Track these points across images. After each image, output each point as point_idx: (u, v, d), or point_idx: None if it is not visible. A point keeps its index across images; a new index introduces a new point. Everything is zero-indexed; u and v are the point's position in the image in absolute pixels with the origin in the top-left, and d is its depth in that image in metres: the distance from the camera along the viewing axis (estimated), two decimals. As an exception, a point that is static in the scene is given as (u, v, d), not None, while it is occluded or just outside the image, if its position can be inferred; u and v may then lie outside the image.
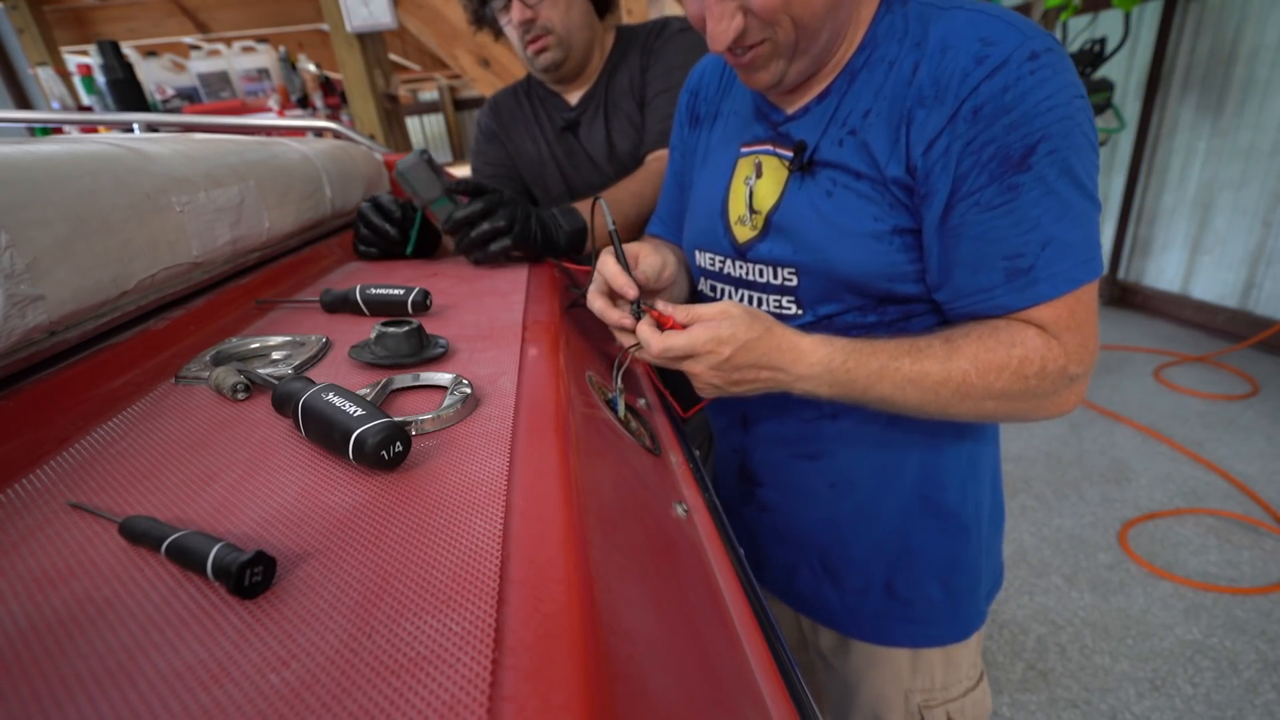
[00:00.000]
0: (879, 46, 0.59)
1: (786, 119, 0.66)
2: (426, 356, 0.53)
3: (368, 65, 2.56)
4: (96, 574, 0.30)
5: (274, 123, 2.15)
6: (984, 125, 0.51)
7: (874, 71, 0.58)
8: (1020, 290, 0.54)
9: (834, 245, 0.61)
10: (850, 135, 0.59)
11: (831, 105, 0.61)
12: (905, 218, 0.58)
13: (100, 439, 0.42)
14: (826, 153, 0.61)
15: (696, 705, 0.30)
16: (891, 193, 0.57)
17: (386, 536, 0.32)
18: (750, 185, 0.68)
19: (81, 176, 0.51)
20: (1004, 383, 0.55)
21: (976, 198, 0.53)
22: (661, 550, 0.42)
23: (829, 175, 0.61)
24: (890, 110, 0.57)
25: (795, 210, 0.63)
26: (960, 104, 0.52)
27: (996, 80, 0.50)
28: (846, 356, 0.58)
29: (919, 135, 0.54)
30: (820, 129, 0.62)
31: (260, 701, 0.23)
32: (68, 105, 2.88)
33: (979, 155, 0.52)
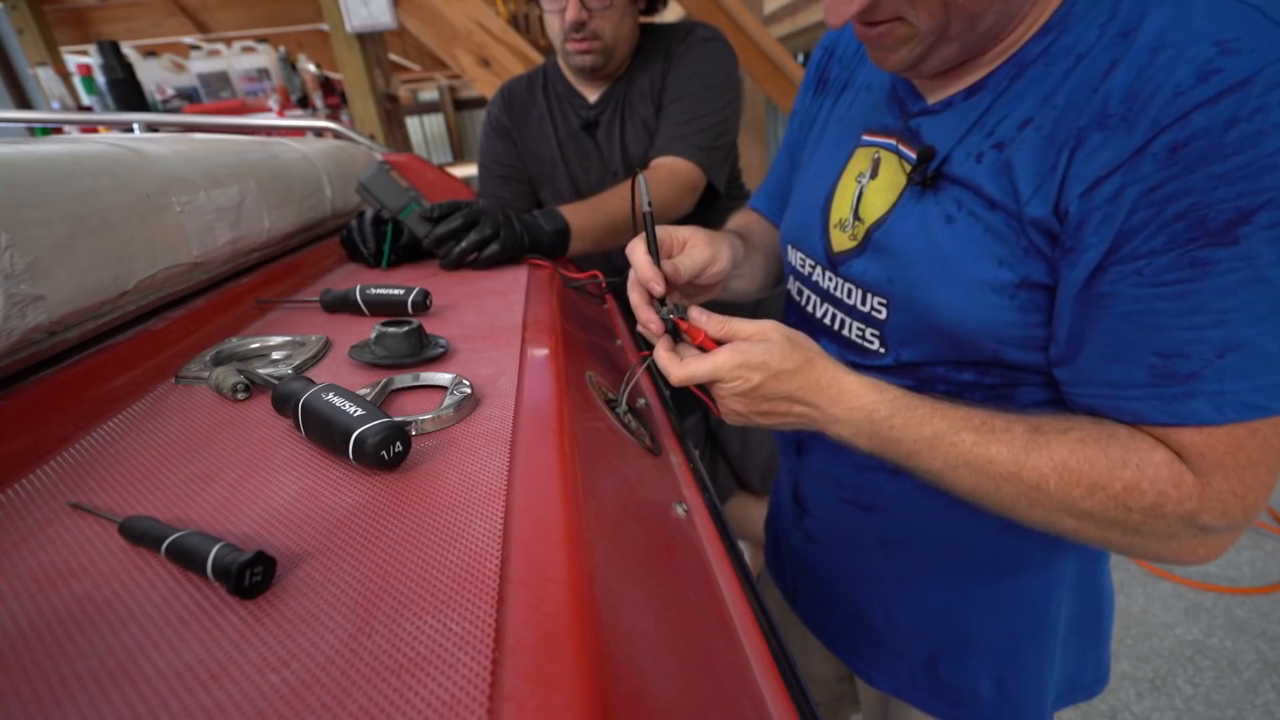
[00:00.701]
0: (1069, 31, 0.44)
1: (923, 110, 0.53)
2: (426, 356, 0.53)
3: (368, 65, 2.56)
4: (96, 574, 0.30)
5: (274, 123, 2.15)
6: (1182, 170, 0.36)
7: (1053, 66, 0.44)
8: (1166, 401, 0.40)
9: (939, 285, 0.49)
10: (995, 150, 0.46)
11: (982, 104, 0.48)
12: (1041, 270, 0.44)
13: (100, 439, 0.42)
14: (959, 166, 0.48)
15: (696, 705, 0.30)
16: (1029, 236, 0.44)
17: (386, 536, 0.32)
18: (862, 185, 0.57)
19: (81, 176, 0.51)
20: (1092, 504, 0.43)
21: (1140, 266, 0.39)
22: (661, 550, 0.42)
23: (955, 196, 0.48)
24: (1058, 126, 0.42)
25: (903, 230, 0.52)
26: (1156, 134, 0.37)
27: (1222, 108, 0.35)
28: (895, 411, 0.48)
29: (1084, 167, 0.40)
30: (960, 133, 0.49)
31: (260, 701, 0.23)
32: (68, 105, 2.88)
33: (1161, 210, 0.37)
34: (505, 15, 3.62)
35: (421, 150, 9.60)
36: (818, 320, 0.62)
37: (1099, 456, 0.42)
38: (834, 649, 0.72)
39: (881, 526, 0.62)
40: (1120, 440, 0.43)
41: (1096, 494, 0.42)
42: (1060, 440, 0.44)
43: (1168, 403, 0.40)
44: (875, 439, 0.49)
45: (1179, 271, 0.38)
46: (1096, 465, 0.42)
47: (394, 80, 2.87)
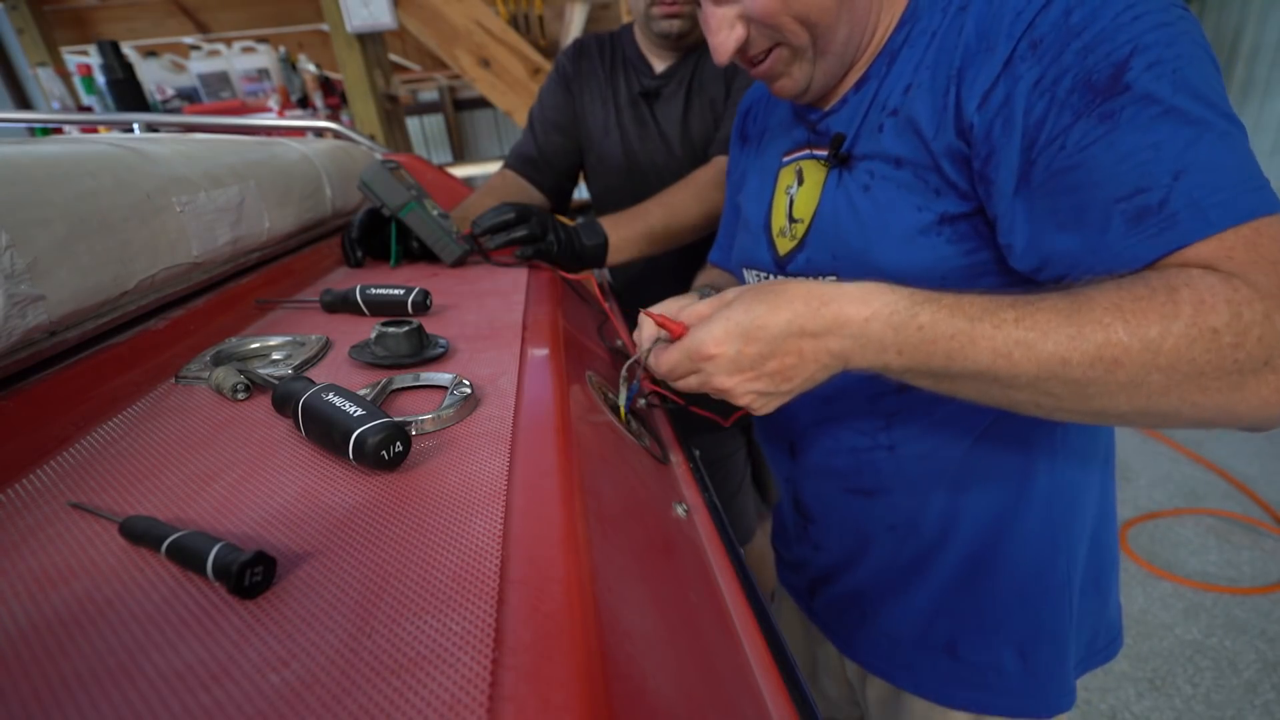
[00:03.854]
0: (920, 20, 0.52)
1: (824, 115, 0.60)
2: (426, 356, 0.53)
3: (368, 65, 2.56)
4: (96, 574, 0.30)
5: (274, 123, 2.15)
6: (1050, 58, 0.42)
7: (915, 46, 0.52)
8: (1157, 233, 0.39)
9: (873, 246, 0.53)
10: (891, 116, 0.52)
11: (870, 91, 0.55)
12: (954, 201, 0.49)
13: (100, 439, 0.42)
14: (865, 143, 0.55)
15: (696, 705, 0.30)
16: (938, 175, 0.49)
17: (386, 536, 0.32)
18: (791, 194, 0.63)
19: (81, 176, 0.51)
20: (1176, 342, 0.37)
21: (1061, 141, 0.42)
22: (661, 550, 0.42)
23: (866, 168, 0.54)
24: (934, 77, 0.49)
25: (831, 212, 0.57)
26: (1015, 44, 0.43)
27: (1055, 7, 0.42)
28: (915, 304, 0.42)
29: (969, 91, 0.46)
30: (859, 117, 0.56)
31: (260, 701, 0.23)
32: (68, 105, 2.88)
33: (1053, 93, 0.42)
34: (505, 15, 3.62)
35: (421, 150, 9.60)
36: None
37: (1147, 291, 0.38)
38: (853, 654, 0.70)
39: (888, 511, 0.62)
40: (1151, 274, 0.39)
41: (1172, 326, 0.37)
42: (1099, 291, 0.40)
43: (1159, 233, 0.39)
44: (905, 348, 0.42)
45: (1095, 129, 0.40)
46: (1150, 299, 0.38)
47: (394, 80, 2.87)
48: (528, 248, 0.84)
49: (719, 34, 0.53)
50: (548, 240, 0.85)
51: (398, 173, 0.87)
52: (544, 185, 1.18)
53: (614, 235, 0.92)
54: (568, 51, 1.17)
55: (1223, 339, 0.36)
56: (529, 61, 2.53)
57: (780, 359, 0.45)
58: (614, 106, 1.13)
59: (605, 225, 0.93)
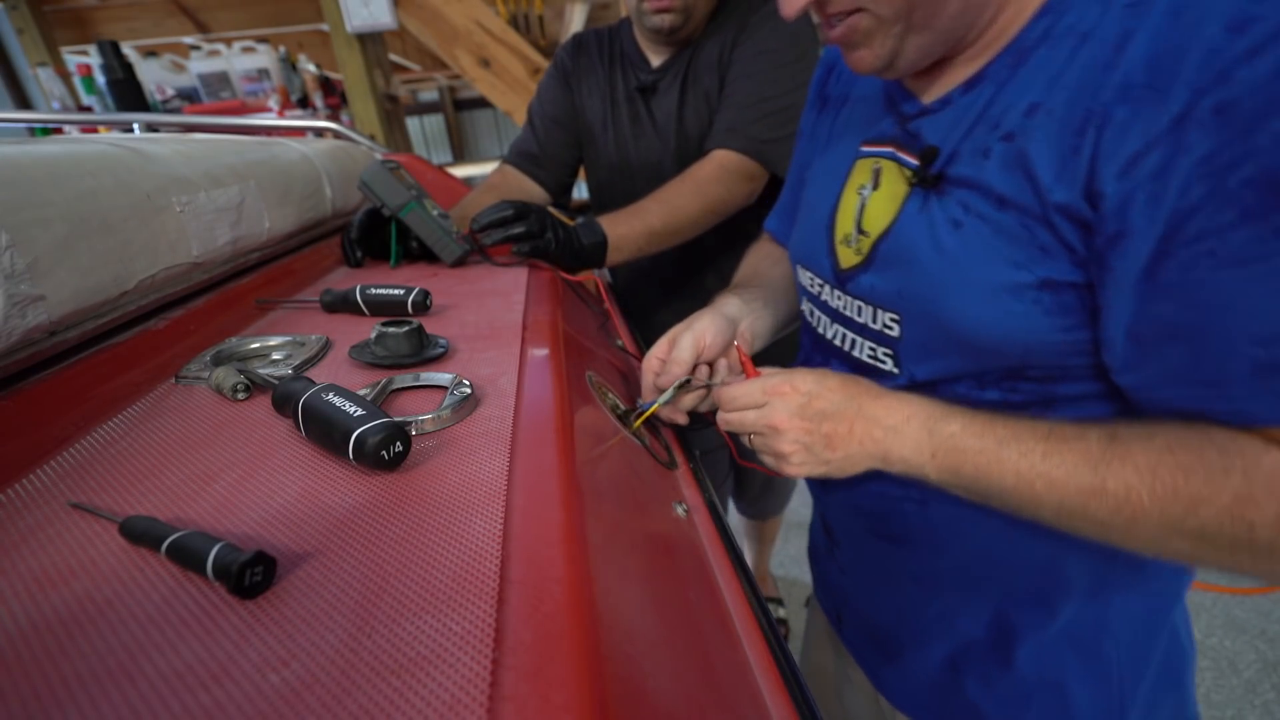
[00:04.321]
0: (1070, 10, 0.41)
1: (920, 112, 0.49)
2: (426, 356, 0.53)
3: (368, 65, 2.56)
4: (96, 574, 0.30)
5: (274, 123, 2.15)
6: (1237, 132, 0.32)
7: (1057, 48, 0.41)
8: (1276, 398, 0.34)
9: (952, 295, 0.45)
10: (1003, 142, 0.42)
11: (983, 97, 0.44)
12: (1062, 267, 0.40)
13: (100, 439, 0.42)
14: (964, 166, 0.44)
15: (696, 705, 0.30)
16: (1049, 230, 0.40)
17: (386, 536, 0.32)
18: (863, 197, 0.54)
19: (81, 176, 0.51)
20: (1202, 521, 0.36)
21: (1212, 245, 0.33)
22: (661, 550, 0.42)
23: (961, 198, 0.45)
24: (1072, 105, 0.38)
25: (908, 239, 0.48)
26: (1196, 98, 0.33)
27: (1269, 58, 0.31)
28: (950, 414, 0.43)
29: (1115, 145, 0.36)
30: (962, 130, 0.45)
31: (260, 701, 0.23)
32: (68, 105, 2.88)
33: (1223, 180, 0.32)
34: (505, 15, 3.62)
35: (421, 150, 9.60)
36: (828, 342, 0.59)
37: (1194, 463, 0.36)
38: (880, 686, 0.67)
39: (914, 561, 0.57)
40: (1217, 444, 0.36)
41: (1203, 508, 0.36)
42: (1144, 447, 0.37)
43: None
44: (938, 454, 0.44)
45: (1262, 245, 0.32)
46: (1193, 474, 0.36)
47: (394, 80, 2.87)
48: (525, 245, 0.84)
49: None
50: (545, 238, 0.85)
51: (398, 173, 0.87)
52: (545, 181, 1.17)
53: (613, 234, 0.92)
54: (566, 46, 1.16)
55: (1261, 535, 0.34)
56: (529, 61, 2.53)
57: (835, 424, 0.47)
58: (610, 102, 1.11)
59: (604, 224, 0.92)
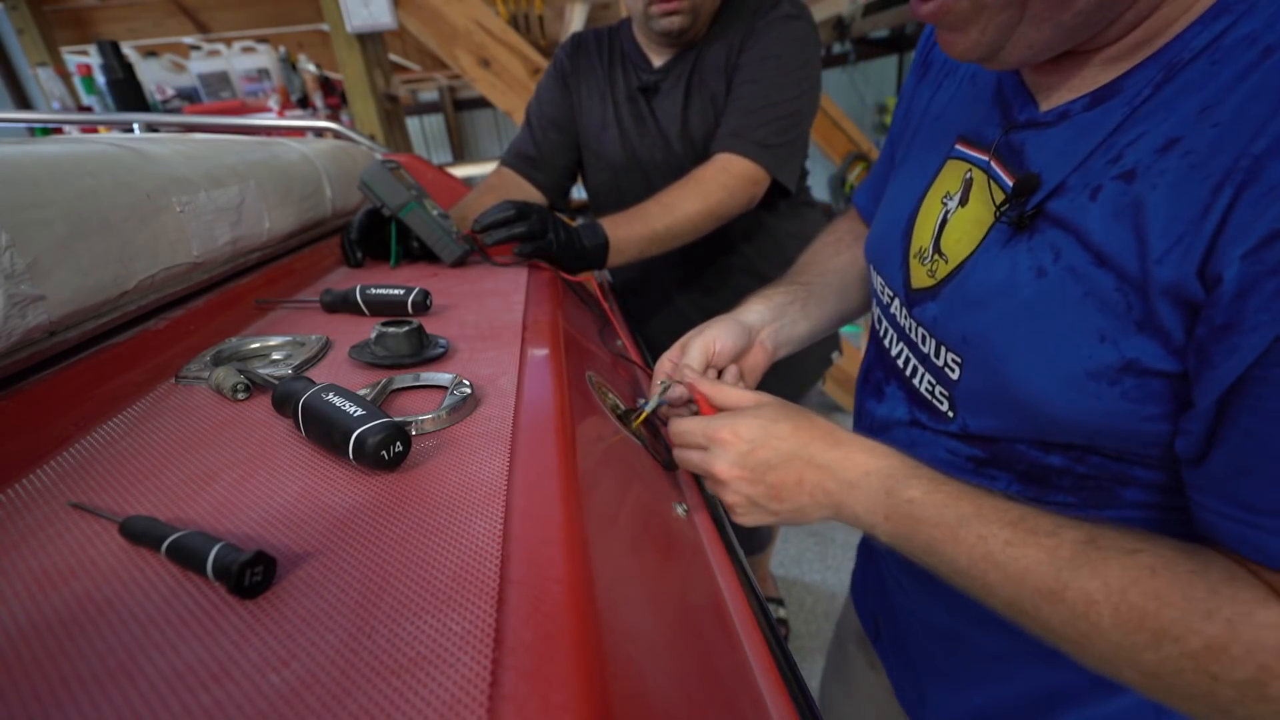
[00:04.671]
0: (1257, 11, 0.30)
1: (1030, 121, 0.40)
2: (426, 356, 0.53)
3: (368, 65, 2.56)
4: (96, 574, 0.30)
5: (274, 123, 2.15)
6: None
7: (1223, 65, 0.31)
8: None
9: (1019, 357, 0.38)
10: (1120, 180, 0.34)
11: (1112, 118, 0.35)
12: (1155, 352, 0.33)
13: (100, 439, 0.42)
14: (1067, 202, 0.36)
15: (696, 705, 0.30)
16: (1146, 307, 0.33)
17: (386, 536, 0.32)
18: (947, 209, 0.46)
19: (81, 176, 0.51)
20: (1159, 659, 0.31)
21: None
22: (661, 550, 0.42)
23: (1053, 241, 0.37)
24: (1218, 148, 0.30)
25: (985, 280, 0.41)
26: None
27: None
28: (914, 479, 0.39)
29: (1253, 213, 0.28)
30: (1077, 157, 0.37)
31: (260, 701, 0.23)
32: (68, 105, 2.88)
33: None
34: (505, 15, 3.62)
35: (421, 150, 9.60)
36: (892, 359, 0.53)
37: (1174, 595, 0.31)
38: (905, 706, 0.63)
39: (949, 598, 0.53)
40: (1210, 581, 0.31)
41: (1164, 646, 0.31)
42: (1122, 562, 0.32)
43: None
44: (891, 516, 0.40)
45: None
46: (1168, 606, 0.31)
47: (394, 80, 2.87)
48: (526, 245, 0.83)
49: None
50: (547, 238, 0.84)
51: (398, 173, 0.87)
52: (542, 184, 1.17)
53: (614, 236, 0.91)
54: (565, 46, 1.14)
55: (1223, 692, 0.30)
56: (529, 61, 2.53)
57: (781, 474, 0.43)
58: (611, 102, 1.11)
59: (605, 225, 0.92)
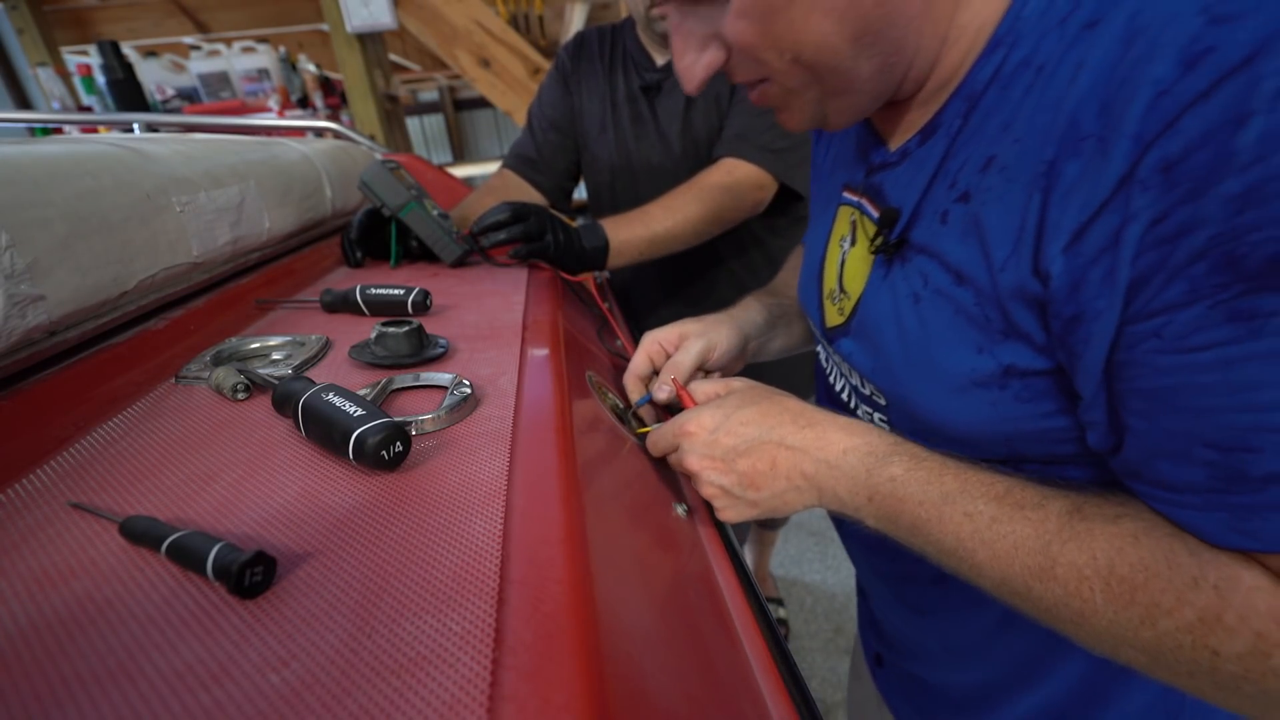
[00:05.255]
0: (1023, 42, 0.33)
1: (882, 164, 0.44)
2: (426, 356, 0.53)
3: (368, 65, 2.56)
4: (96, 574, 0.30)
5: (274, 123, 2.15)
6: (1185, 194, 0.26)
7: (1010, 88, 0.34)
8: (1239, 515, 0.28)
9: (917, 381, 0.40)
10: (960, 204, 0.36)
11: (938, 149, 0.38)
12: (1025, 354, 0.35)
13: (100, 439, 0.42)
14: (925, 230, 0.39)
15: (696, 705, 0.30)
16: (1003, 316, 0.35)
17: (386, 536, 0.32)
18: (844, 250, 0.48)
19: (81, 176, 0.51)
20: (1155, 635, 0.30)
21: (1158, 325, 0.28)
22: (661, 550, 0.42)
23: (921, 268, 0.39)
24: (1024, 160, 0.32)
25: (875, 313, 0.43)
26: (1142, 151, 0.27)
27: (1223, 100, 0.24)
28: (896, 454, 0.38)
29: (1061, 212, 0.30)
30: (921, 187, 0.40)
31: (260, 701, 0.23)
32: (68, 105, 2.88)
33: (1171, 250, 0.26)
34: (505, 15, 3.62)
35: (421, 150, 9.60)
36: (836, 393, 0.54)
37: (1160, 563, 0.30)
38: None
39: (943, 633, 0.52)
40: (1189, 544, 0.30)
41: (1160, 621, 0.29)
42: (1106, 531, 0.32)
43: (1241, 517, 0.28)
44: (875, 496, 0.38)
45: (1214, 330, 0.26)
46: (1156, 575, 0.30)
47: (394, 80, 2.87)
48: (524, 247, 0.83)
49: (685, 56, 0.41)
50: (545, 240, 0.84)
51: (398, 173, 0.87)
52: (543, 185, 1.17)
53: (615, 238, 0.91)
54: (568, 46, 1.13)
55: (1225, 667, 0.28)
56: (529, 61, 2.53)
57: (752, 460, 0.42)
58: (610, 103, 1.10)
59: (606, 227, 0.91)
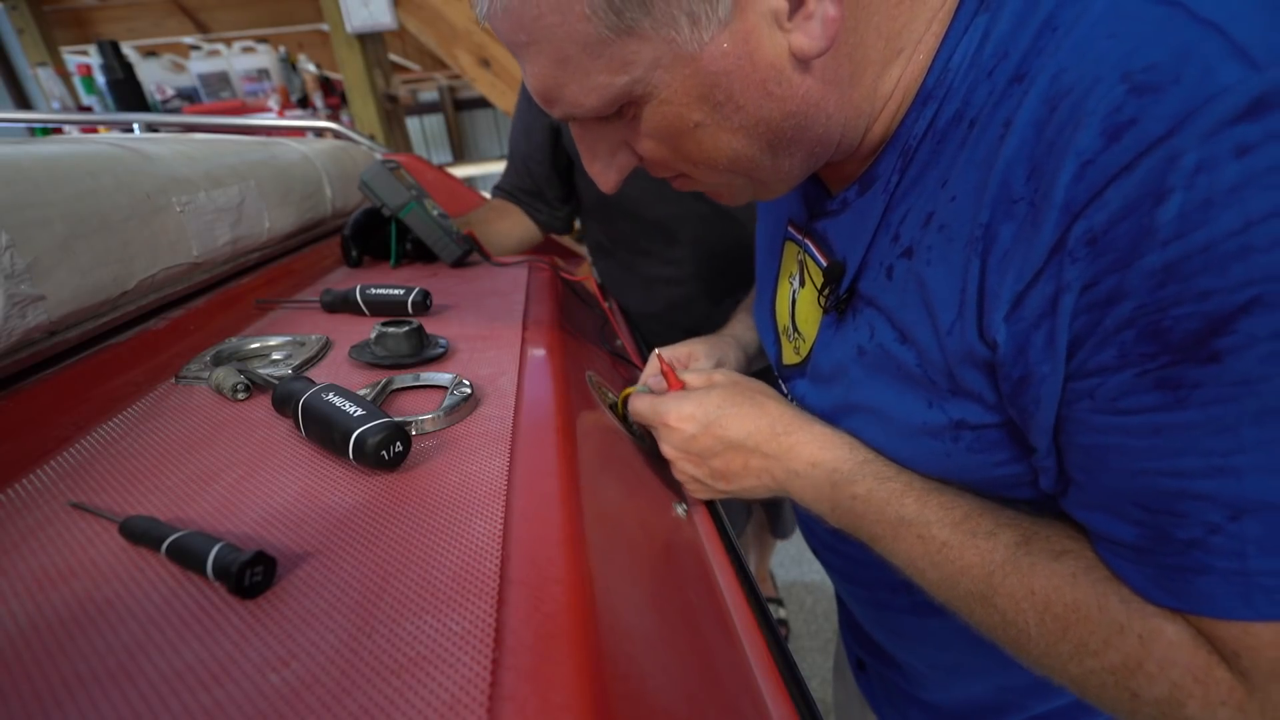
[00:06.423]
0: (953, 96, 0.33)
1: (824, 211, 0.43)
2: (426, 356, 0.53)
3: (368, 65, 2.56)
4: (96, 574, 0.30)
5: (274, 123, 2.15)
6: (1110, 266, 0.26)
7: (946, 142, 0.33)
8: (1165, 575, 0.28)
9: (872, 431, 0.41)
10: (903, 258, 0.36)
11: (878, 203, 0.38)
12: (974, 410, 0.34)
13: (100, 439, 0.42)
14: (870, 282, 0.39)
15: (696, 705, 0.30)
16: (949, 380, 0.34)
17: (386, 536, 0.32)
18: (794, 289, 0.48)
19: (82, 176, 0.51)
20: (1082, 671, 0.31)
21: (1091, 386, 0.28)
22: (661, 550, 0.42)
23: (869, 319, 0.39)
24: (960, 218, 0.32)
25: (826, 359, 0.44)
26: (1069, 223, 0.26)
27: (1144, 175, 0.24)
28: (860, 477, 0.39)
29: (998, 279, 0.30)
30: (865, 240, 0.39)
31: (260, 701, 0.23)
32: (68, 105, 2.88)
33: (1101, 316, 0.27)
34: (505, 15, 3.62)
35: (421, 150, 9.60)
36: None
37: (1091, 606, 0.31)
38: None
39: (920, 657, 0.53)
40: (1123, 591, 0.30)
41: (1086, 660, 0.31)
42: (1049, 568, 0.32)
43: (1168, 576, 0.28)
44: (836, 509, 0.41)
45: (1142, 396, 0.26)
46: (1086, 617, 0.31)
47: (394, 80, 2.87)
48: None
49: (595, 163, 0.39)
50: None
51: (398, 173, 0.87)
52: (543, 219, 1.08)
53: None
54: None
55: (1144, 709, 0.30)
56: (529, 61, 2.53)
57: (725, 460, 0.44)
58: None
59: None
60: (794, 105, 0.33)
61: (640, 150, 0.37)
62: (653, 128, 0.35)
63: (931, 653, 0.52)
